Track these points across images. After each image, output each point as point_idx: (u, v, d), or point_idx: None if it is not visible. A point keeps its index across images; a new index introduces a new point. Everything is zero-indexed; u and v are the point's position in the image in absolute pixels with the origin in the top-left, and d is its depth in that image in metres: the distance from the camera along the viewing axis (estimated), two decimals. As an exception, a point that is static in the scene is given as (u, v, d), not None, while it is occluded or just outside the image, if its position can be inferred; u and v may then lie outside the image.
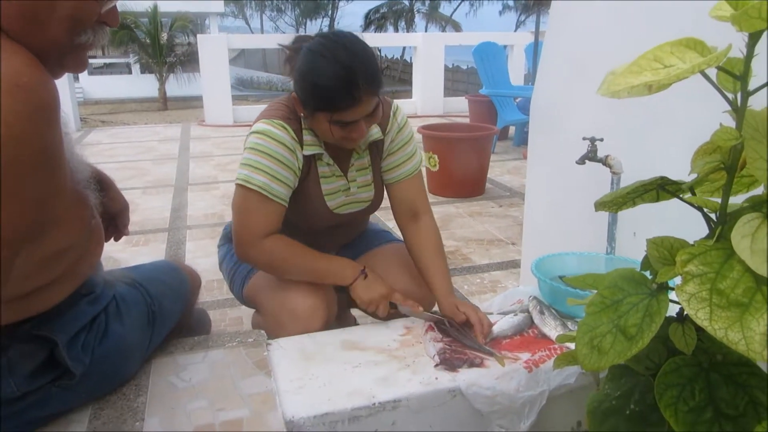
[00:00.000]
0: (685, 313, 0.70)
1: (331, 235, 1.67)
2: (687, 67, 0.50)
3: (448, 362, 1.29)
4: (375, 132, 1.54)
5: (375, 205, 1.66)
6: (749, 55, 0.53)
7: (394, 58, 29.22)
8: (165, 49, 15.12)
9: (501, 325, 1.44)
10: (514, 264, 2.91)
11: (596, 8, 1.81)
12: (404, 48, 24.01)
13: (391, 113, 1.59)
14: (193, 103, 14.41)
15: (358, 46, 1.36)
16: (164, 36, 15.13)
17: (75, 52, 0.93)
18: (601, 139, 1.66)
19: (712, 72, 0.59)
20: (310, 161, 1.51)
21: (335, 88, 1.32)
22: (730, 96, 0.57)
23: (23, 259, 0.88)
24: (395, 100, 1.66)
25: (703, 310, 0.55)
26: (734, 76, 0.55)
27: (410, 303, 1.49)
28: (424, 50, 8.59)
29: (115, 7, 0.95)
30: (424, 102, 8.64)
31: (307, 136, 1.47)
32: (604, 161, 1.65)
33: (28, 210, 0.82)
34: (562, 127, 1.97)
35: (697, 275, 0.57)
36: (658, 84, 0.51)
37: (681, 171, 0.83)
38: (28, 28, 0.85)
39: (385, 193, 1.67)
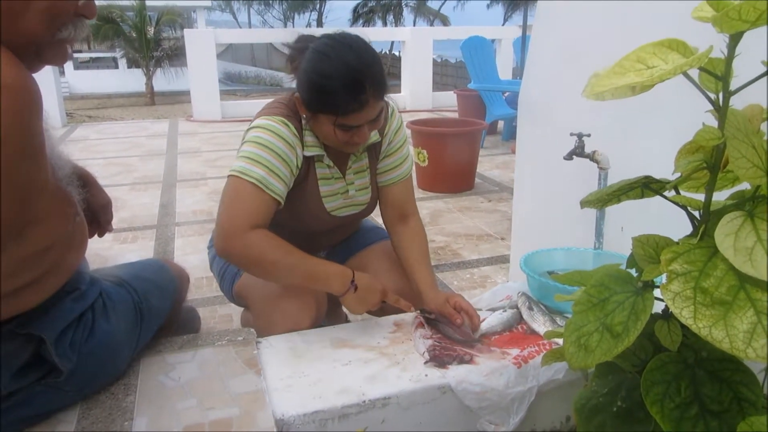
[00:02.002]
0: (670, 310, 0.71)
1: (326, 237, 1.67)
2: (669, 68, 0.51)
3: (438, 359, 1.29)
4: (373, 135, 1.52)
5: (370, 208, 1.65)
6: (730, 55, 0.53)
7: (383, 52, 29.14)
8: (152, 43, 14.99)
9: (490, 321, 1.45)
10: (504, 259, 2.92)
11: (583, 1, 1.82)
12: (392, 42, 23.98)
13: (389, 114, 1.56)
14: (180, 98, 14.31)
15: (365, 50, 1.33)
16: (151, 30, 14.99)
17: (55, 46, 0.92)
18: (589, 135, 1.67)
19: (695, 72, 0.59)
20: (309, 162, 1.48)
21: (342, 91, 1.29)
22: (712, 96, 0.57)
23: (6, 258, 0.87)
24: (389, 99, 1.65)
25: (688, 308, 0.55)
26: (716, 77, 0.55)
27: (404, 304, 1.45)
28: (413, 45, 8.58)
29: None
30: (413, 96, 8.63)
31: (308, 137, 1.44)
32: (592, 157, 1.66)
33: (11, 208, 0.82)
34: (550, 122, 1.98)
35: (681, 274, 0.57)
36: (642, 85, 0.51)
37: (668, 166, 0.83)
38: (3, 24, 0.84)
39: None
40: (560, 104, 1.93)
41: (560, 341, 1.31)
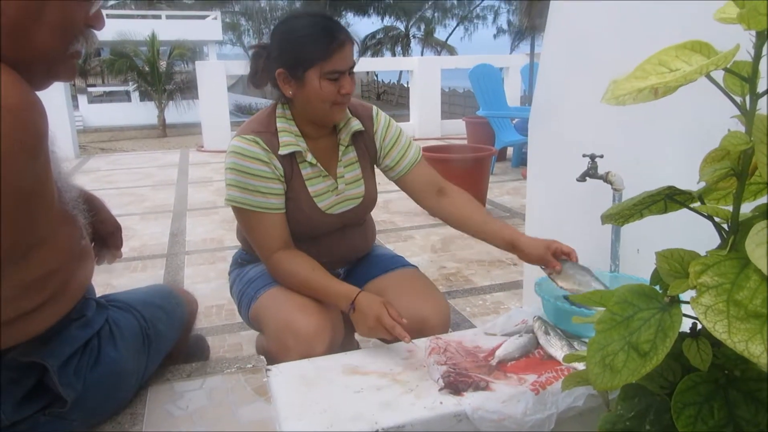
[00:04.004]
0: (699, 327, 0.68)
1: (335, 242, 1.65)
2: (694, 68, 0.49)
3: (453, 386, 1.25)
4: (355, 124, 1.59)
5: (368, 201, 1.67)
6: (757, 55, 0.51)
7: (391, 82, 29.49)
8: (164, 76, 15.27)
9: (507, 347, 1.41)
10: (516, 285, 2.88)
11: (592, 23, 1.82)
12: (401, 72, 24.28)
13: (373, 115, 1.65)
14: (191, 129, 14.50)
15: (319, 9, 1.53)
16: (163, 64, 15.29)
17: (66, 61, 0.92)
18: (601, 156, 1.65)
19: (719, 77, 0.57)
20: (292, 164, 1.52)
21: (320, 36, 1.40)
22: (738, 99, 0.55)
23: (9, 282, 0.85)
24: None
25: (721, 322, 0.52)
26: (742, 78, 0.53)
27: (399, 332, 1.34)
28: (421, 74, 8.66)
29: (100, 9, 0.94)
30: (422, 125, 8.68)
31: (284, 137, 1.50)
32: (605, 178, 1.63)
33: (15, 230, 0.80)
34: (562, 144, 1.96)
35: (712, 286, 0.54)
36: (665, 87, 0.49)
37: (684, 185, 0.81)
38: (15, 42, 0.83)
39: (400, 189, 1.71)
40: (572, 126, 1.92)
41: (579, 366, 1.27)
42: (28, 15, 0.84)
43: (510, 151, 6.39)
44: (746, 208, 0.67)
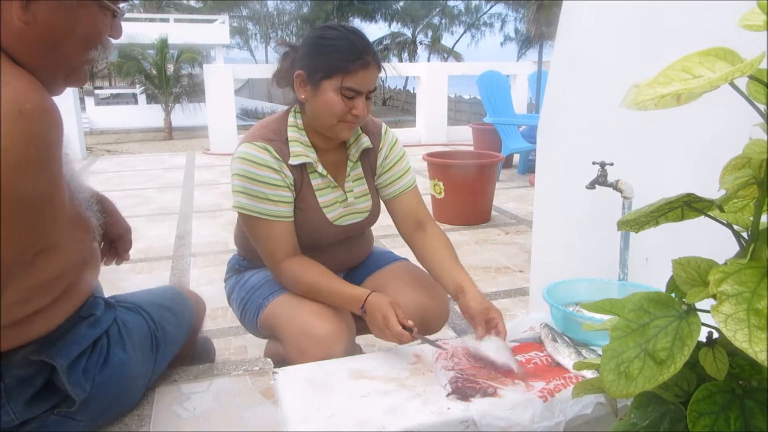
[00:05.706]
0: (715, 336, 0.67)
1: (337, 251, 1.65)
2: (719, 75, 0.48)
3: (461, 391, 1.25)
4: (365, 141, 1.59)
5: (373, 215, 1.68)
6: (783, 63, 0.51)
7: (397, 88, 29.54)
8: (171, 79, 15.32)
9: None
10: (522, 291, 2.87)
11: (603, 31, 1.82)
12: (407, 78, 24.31)
13: (382, 132, 1.64)
14: (198, 133, 14.51)
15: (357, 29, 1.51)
16: (170, 67, 15.34)
17: (81, 67, 0.93)
18: (611, 164, 1.64)
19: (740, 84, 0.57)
20: (302, 173, 1.51)
21: (348, 49, 1.39)
22: (762, 107, 0.55)
23: (17, 285, 0.85)
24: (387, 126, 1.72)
25: (742, 331, 0.52)
26: (767, 86, 0.53)
27: (406, 337, 1.36)
28: (428, 80, 8.67)
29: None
30: (428, 131, 8.69)
31: (294, 147, 1.49)
32: (615, 186, 1.63)
33: (23, 235, 0.80)
34: (571, 152, 1.96)
35: (732, 295, 0.54)
36: (689, 93, 0.49)
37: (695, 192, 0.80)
38: (44, 51, 0.85)
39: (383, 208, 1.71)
40: (581, 133, 1.92)
41: (588, 374, 1.27)
42: (62, 30, 0.86)
43: (516, 158, 6.39)
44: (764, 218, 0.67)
